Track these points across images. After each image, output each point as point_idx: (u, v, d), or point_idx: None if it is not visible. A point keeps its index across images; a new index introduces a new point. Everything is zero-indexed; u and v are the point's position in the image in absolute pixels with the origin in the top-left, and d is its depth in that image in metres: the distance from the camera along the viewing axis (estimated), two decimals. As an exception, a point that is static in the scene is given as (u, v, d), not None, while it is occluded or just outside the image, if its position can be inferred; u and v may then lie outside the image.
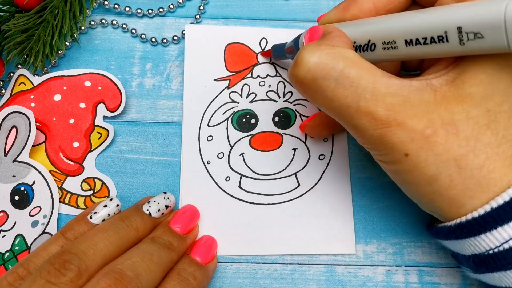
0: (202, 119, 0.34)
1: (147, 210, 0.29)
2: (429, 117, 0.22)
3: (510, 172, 0.22)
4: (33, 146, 0.32)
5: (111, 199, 0.30)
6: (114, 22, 0.36)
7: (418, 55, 0.23)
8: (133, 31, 0.36)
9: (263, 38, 0.36)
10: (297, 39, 0.30)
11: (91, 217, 0.28)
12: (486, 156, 0.22)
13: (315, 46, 0.24)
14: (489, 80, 0.22)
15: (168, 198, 0.30)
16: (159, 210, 0.29)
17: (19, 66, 0.34)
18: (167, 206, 0.30)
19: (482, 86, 0.22)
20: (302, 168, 0.33)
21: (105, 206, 0.29)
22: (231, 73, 0.35)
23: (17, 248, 0.30)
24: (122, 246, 0.26)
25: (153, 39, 0.36)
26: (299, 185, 0.33)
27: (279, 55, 0.34)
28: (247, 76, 0.35)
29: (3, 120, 0.31)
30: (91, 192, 0.32)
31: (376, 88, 0.22)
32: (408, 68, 0.31)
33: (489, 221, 0.22)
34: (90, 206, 0.31)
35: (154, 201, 0.30)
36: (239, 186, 0.33)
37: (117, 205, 0.30)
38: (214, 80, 0.35)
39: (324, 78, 0.23)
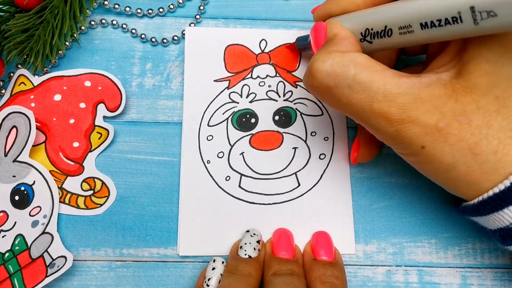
0: (202, 119, 0.34)
1: (245, 254, 0.29)
2: (441, 110, 0.23)
3: None
4: (33, 146, 0.32)
5: (214, 260, 0.30)
6: (114, 22, 0.36)
7: (433, 38, 0.23)
8: (133, 31, 0.36)
9: (263, 39, 0.36)
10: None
11: (208, 285, 0.28)
12: (499, 141, 0.23)
13: (326, 54, 0.25)
14: (492, 69, 0.23)
15: (255, 234, 0.31)
16: (254, 249, 0.30)
17: (19, 66, 0.34)
18: (258, 241, 0.30)
19: (487, 76, 0.23)
20: (303, 168, 0.33)
21: (213, 268, 0.29)
22: (231, 74, 0.35)
23: (17, 248, 0.30)
24: None
25: (153, 39, 0.36)
26: (299, 184, 0.33)
27: (303, 46, 0.34)
28: (247, 77, 0.35)
29: (3, 120, 0.31)
30: (91, 192, 0.32)
31: (388, 90, 0.23)
32: (410, 53, 0.32)
33: (509, 195, 0.23)
34: (200, 276, 0.30)
35: (246, 243, 0.30)
36: (239, 186, 0.33)
37: (223, 262, 0.30)
38: (214, 81, 0.35)
39: (338, 86, 0.24)
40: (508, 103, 0.23)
